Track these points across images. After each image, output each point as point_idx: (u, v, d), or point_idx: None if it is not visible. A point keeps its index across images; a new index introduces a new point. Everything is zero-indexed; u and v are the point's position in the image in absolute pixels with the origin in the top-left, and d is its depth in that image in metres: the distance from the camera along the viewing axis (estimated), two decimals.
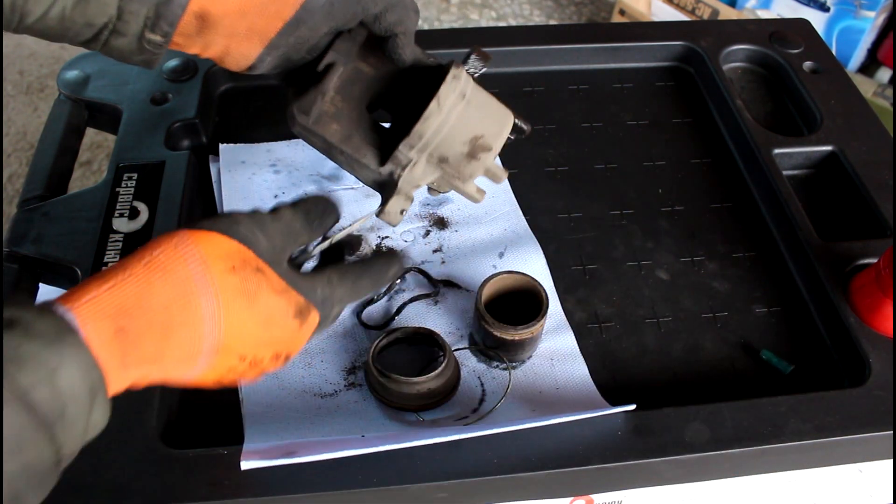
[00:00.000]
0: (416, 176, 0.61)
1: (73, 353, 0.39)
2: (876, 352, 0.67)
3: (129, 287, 0.42)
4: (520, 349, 0.67)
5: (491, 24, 2.28)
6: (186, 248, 0.44)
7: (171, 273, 0.43)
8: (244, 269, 0.46)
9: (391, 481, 0.57)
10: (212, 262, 0.44)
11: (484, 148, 0.60)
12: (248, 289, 0.46)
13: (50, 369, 0.38)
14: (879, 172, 0.82)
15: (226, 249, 0.45)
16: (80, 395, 0.39)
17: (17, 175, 1.86)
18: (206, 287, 0.44)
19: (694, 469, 0.62)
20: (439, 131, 0.59)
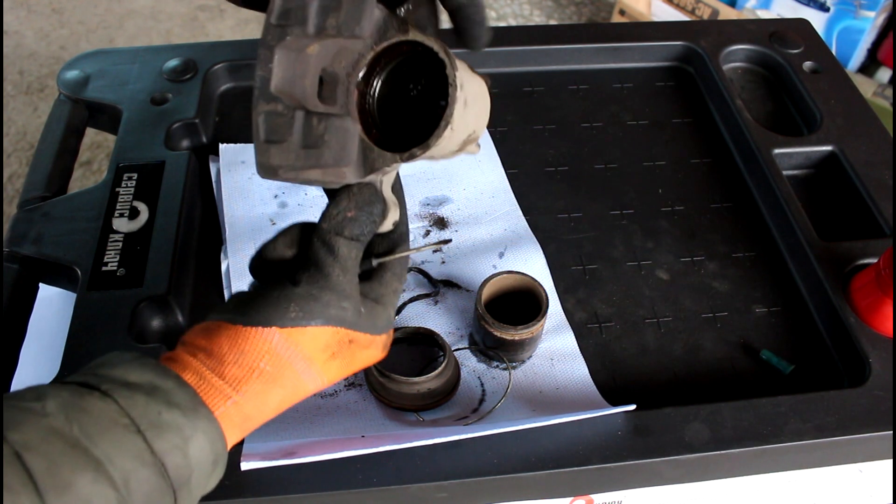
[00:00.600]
0: (391, 175, 0.57)
1: (206, 426, 0.43)
2: (876, 352, 0.67)
3: (249, 401, 0.46)
4: (520, 349, 0.67)
5: (491, 24, 2.28)
6: (288, 352, 0.47)
7: (281, 379, 0.47)
8: (341, 350, 0.49)
9: (391, 481, 0.57)
10: (314, 357, 0.48)
11: (473, 141, 0.56)
12: (347, 362, 0.50)
13: (185, 438, 0.42)
14: (879, 172, 0.82)
15: (324, 341, 0.48)
16: (205, 465, 0.43)
17: (17, 175, 1.86)
18: (313, 377, 0.48)
19: (694, 469, 0.62)
20: (444, 146, 0.52)
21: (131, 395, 0.41)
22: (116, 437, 0.39)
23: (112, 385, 0.41)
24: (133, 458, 0.39)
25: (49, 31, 2.23)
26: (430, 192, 0.83)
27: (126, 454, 0.39)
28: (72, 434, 0.38)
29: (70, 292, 0.71)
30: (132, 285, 0.69)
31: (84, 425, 0.39)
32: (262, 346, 0.46)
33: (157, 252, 0.71)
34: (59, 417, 0.38)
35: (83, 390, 0.41)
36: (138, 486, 0.39)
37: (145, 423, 0.40)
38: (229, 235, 0.77)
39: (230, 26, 2.31)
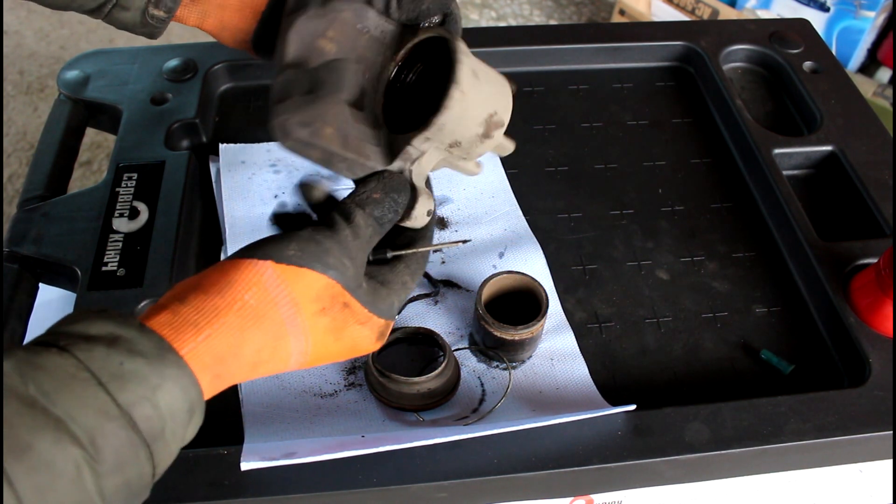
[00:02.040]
0: (423, 166, 0.55)
1: (175, 373, 0.40)
2: (876, 352, 0.67)
3: (224, 337, 0.43)
4: (520, 349, 0.67)
5: (491, 24, 2.28)
6: (277, 289, 0.44)
7: (263, 319, 0.44)
8: (333, 308, 0.46)
9: (391, 481, 0.57)
10: (303, 305, 0.45)
11: (498, 125, 0.56)
12: (336, 326, 0.47)
13: (152, 387, 0.39)
14: (879, 172, 0.82)
15: (317, 290, 0.46)
16: (179, 414, 0.40)
17: (17, 175, 1.86)
18: (297, 330, 0.45)
19: (694, 469, 0.62)
20: (462, 117, 0.52)
21: (90, 348, 0.38)
22: (77, 393, 0.37)
23: (70, 339, 0.39)
24: (97, 414, 0.37)
25: (49, 31, 2.23)
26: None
27: (88, 409, 0.37)
28: (27, 393, 0.36)
29: (70, 292, 0.71)
30: (132, 285, 0.69)
31: (41, 383, 0.36)
32: (252, 278, 0.44)
33: (157, 252, 0.71)
34: (14, 377, 0.36)
35: (39, 348, 0.38)
36: (106, 442, 0.37)
37: (106, 376, 0.38)
38: (229, 235, 0.77)
39: None
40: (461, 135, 0.54)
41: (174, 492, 0.56)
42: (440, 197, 0.82)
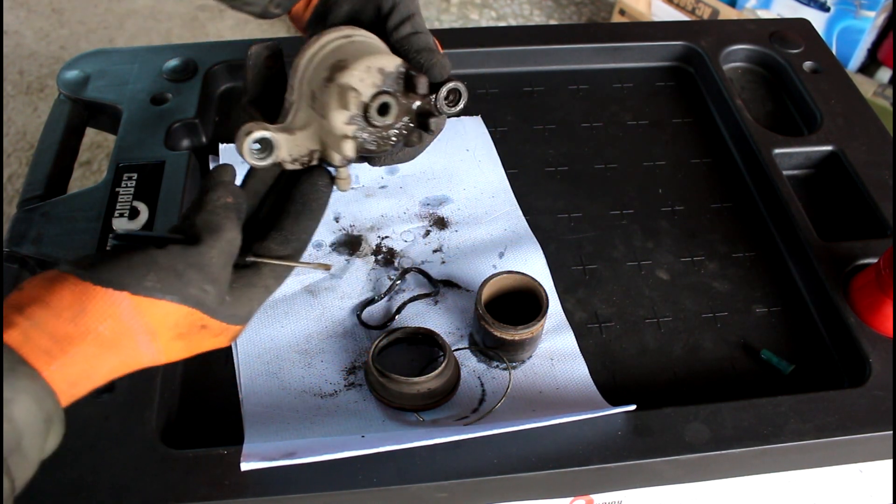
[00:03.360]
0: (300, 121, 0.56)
1: (28, 385, 0.39)
2: (876, 352, 0.67)
3: (78, 365, 0.42)
4: (520, 349, 0.67)
5: (491, 24, 2.28)
6: (133, 320, 0.43)
7: (118, 348, 0.43)
8: (189, 333, 0.46)
9: (391, 481, 0.57)
10: (160, 333, 0.45)
11: (338, 68, 0.54)
12: (192, 346, 0.47)
13: (5, 402, 0.38)
14: (879, 172, 0.82)
15: (174, 319, 0.45)
16: (35, 425, 0.39)
17: (17, 175, 1.86)
18: (151, 352, 0.45)
19: (694, 469, 0.62)
20: (308, 62, 0.56)
21: None
22: None
23: None
24: None
25: (49, 31, 2.22)
26: (430, 192, 0.83)
27: None
28: None
29: None
30: None
31: None
32: (107, 309, 0.43)
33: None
34: None
35: None
36: None
37: None
38: None
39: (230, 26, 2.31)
40: (313, 81, 0.55)
41: (174, 492, 0.56)
42: (440, 197, 0.82)
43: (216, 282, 0.47)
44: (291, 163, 0.55)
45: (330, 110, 0.54)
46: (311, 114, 0.55)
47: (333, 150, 0.55)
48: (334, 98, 0.54)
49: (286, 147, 0.54)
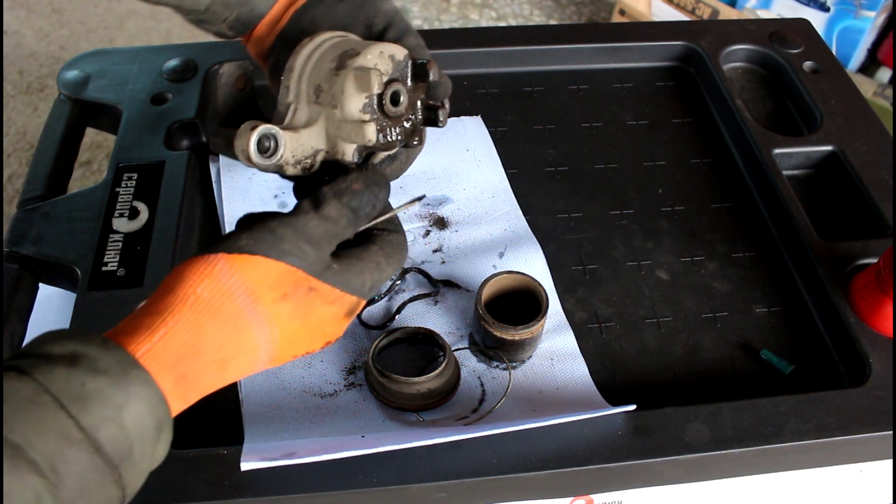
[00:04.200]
0: (301, 119, 0.55)
1: (141, 390, 0.38)
2: (876, 352, 0.67)
3: (181, 334, 0.41)
4: (520, 349, 0.67)
5: (491, 24, 2.28)
6: (230, 279, 0.42)
7: (220, 312, 0.42)
8: (296, 293, 0.45)
9: (391, 481, 0.57)
10: (260, 293, 0.43)
11: (350, 55, 0.54)
12: (302, 311, 0.45)
13: (116, 407, 0.37)
14: (879, 172, 0.82)
15: (274, 276, 0.44)
16: (147, 433, 0.39)
17: (17, 175, 1.86)
18: (259, 319, 0.43)
19: (694, 469, 0.62)
20: (308, 56, 0.55)
21: (51, 369, 0.37)
22: (35, 417, 0.35)
23: (31, 361, 0.37)
24: (58, 438, 0.35)
25: (49, 31, 2.22)
26: (430, 192, 0.83)
27: (48, 434, 0.35)
28: None
29: (70, 292, 0.71)
30: (132, 285, 0.69)
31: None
32: (204, 271, 0.42)
33: (157, 252, 0.71)
34: None
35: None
36: (68, 469, 0.35)
37: (68, 397, 0.36)
38: None
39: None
40: (316, 75, 0.54)
41: (174, 492, 0.56)
42: (440, 197, 0.82)
43: (315, 244, 0.46)
44: (294, 165, 0.54)
45: (345, 96, 0.53)
46: (315, 110, 0.55)
47: (350, 139, 0.54)
48: (350, 83, 0.53)
49: (290, 146, 0.53)
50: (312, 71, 0.55)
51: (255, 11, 0.62)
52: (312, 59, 0.55)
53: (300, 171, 0.54)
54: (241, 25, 0.63)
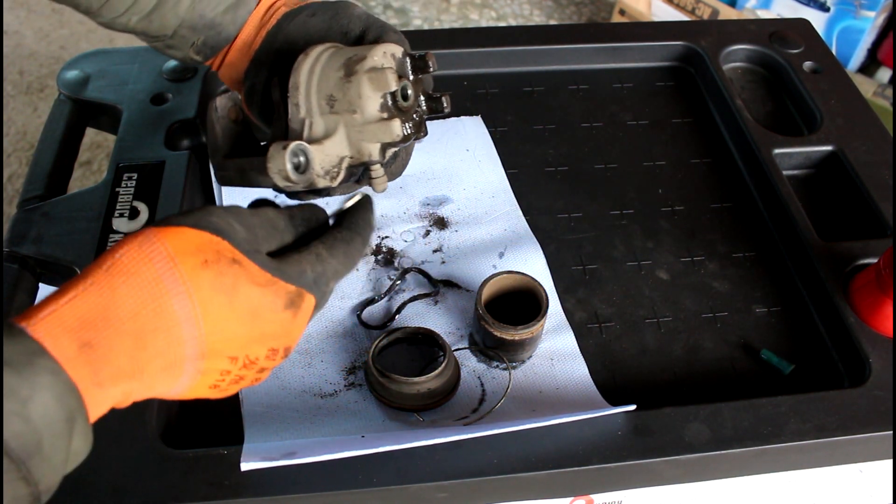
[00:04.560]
0: (317, 129, 0.56)
1: (49, 381, 0.36)
2: (876, 352, 0.67)
3: (91, 297, 0.38)
4: (520, 349, 0.67)
5: (491, 24, 2.28)
6: (152, 246, 0.40)
7: (136, 275, 0.39)
8: (218, 262, 0.41)
9: (391, 481, 0.57)
10: (180, 259, 0.40)
11: (358, 60, 0.55)
12: (226, 283, 0.41)
13: (21, 400, 0.35)
14: (879, 172, 0.82)
15: (196, 243, 0.41)
16: (56, 425, 0.36)
17: (17, 175, 1.86)
18: (177, 286, 0.40)
19: (694, 469, 0.62)
20: (311, 70, 0.56)
21: None
22: None
23: None
24: None
25: (49, 31, 2.22)
26: (430, 192, 0.83)
27: None
28: None
29: None
30: None
31: None
32: (127, 242, 0.40)
33: None
34: None
35: None
36: None
37: None
38: None
39: None
40: (325, 86, 0.55)
41: (174, 492, 0.56)
42: (440, 197, 0.82)
43: (247, 227, 0.44)
44: (323, 177, 0.55)
45: (364, 99, 0.54)
46: (331, 119, 0.55)
47: (376, 139, 0.55)
48: (366, 85, 0.54)
49: (318, 158, 0.54)
50: (319, 83, 0.55)
51: (222, 35, 0.63)
52: (315, 73, 0.56)
53: (329, 180, 0.55)
54: (209, 50, 0.63)
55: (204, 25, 0.62)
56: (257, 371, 0.46)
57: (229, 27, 0.62)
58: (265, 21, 0.62)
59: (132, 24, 0.61)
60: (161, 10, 0.61)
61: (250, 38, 0.63)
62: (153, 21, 0.61)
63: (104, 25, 0.63)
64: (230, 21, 0.62)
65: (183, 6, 0.61)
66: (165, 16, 0.61)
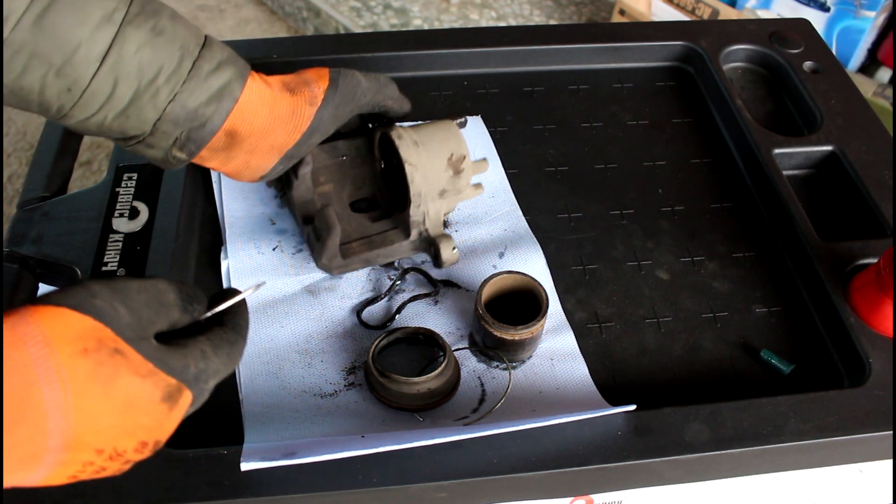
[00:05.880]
0: (433, 220, 0.72)
1: None
2: (876, 352, 0.67)
3: None
4: (520, 349, 0.67)
5: (491, 24, 2.28)
6: (27, 328, 0.37)
7: (7, 359, 0.36)
8: (99, 352, 0.39)
9: (391, 481, 0.57)
10: (58, 345, 0.38)
11: (460, 160, 0.70)
12: (104, 374, 0.39)
13: None
14: (879, 172, 0.82)
15: (77, 329, 0.39)
16: None
17: (17, 175, 1.86)
18: (50, 374, 0.37)
19: (694, 469, 0.62)
20: (426, 178, 0.69)
21: None
22: None
23: None
24: None
25: None
26: None
27: None
28: None
29: None
30: None
31: None
32: (7, 321, 0.38)
33: (157, 252, 0.71)
34: None
35: None
36: None
37: None
38: (229, 235, 0.77)
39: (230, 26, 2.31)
40: (438, 186, 0.70)
41: (174, 492, 0.56)
42: None
43: (133, 310, 0.41)
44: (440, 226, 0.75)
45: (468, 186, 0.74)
46: (437, 203, 0.73)
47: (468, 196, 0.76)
48: (469, 178, 0.73)
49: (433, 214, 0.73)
50: (430, 185, 0.70)
51: (207, 128, 0.59)
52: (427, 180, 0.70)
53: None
54: (194, 145, 0.59)
55: (186, 118, 0.58)
56: (122, 463, 0.43)
57: (215, 119, 0.59)
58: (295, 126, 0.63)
59: (108, 122, 0.56)
60: (138, 103, 0.56)
61: (279, 142, 0.63)
62: (130, 116, 0.56)
63: (75, 129, 0.57)
64: (214, 111, 0.58)
65: (162, 97, 0.56)
66: (143, 109, 0.56)
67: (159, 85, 0.56)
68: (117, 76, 0.55)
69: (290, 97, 0.63)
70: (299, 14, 2.32)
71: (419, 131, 0.70)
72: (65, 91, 0.54)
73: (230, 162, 0.63)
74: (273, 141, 0.63)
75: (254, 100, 0.61)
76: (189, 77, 0.57)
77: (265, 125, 0.62)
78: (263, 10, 2.44)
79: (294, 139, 0.63)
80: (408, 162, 0.68)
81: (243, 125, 0.61)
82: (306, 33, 2.32)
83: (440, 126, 0.72)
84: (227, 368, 0.46)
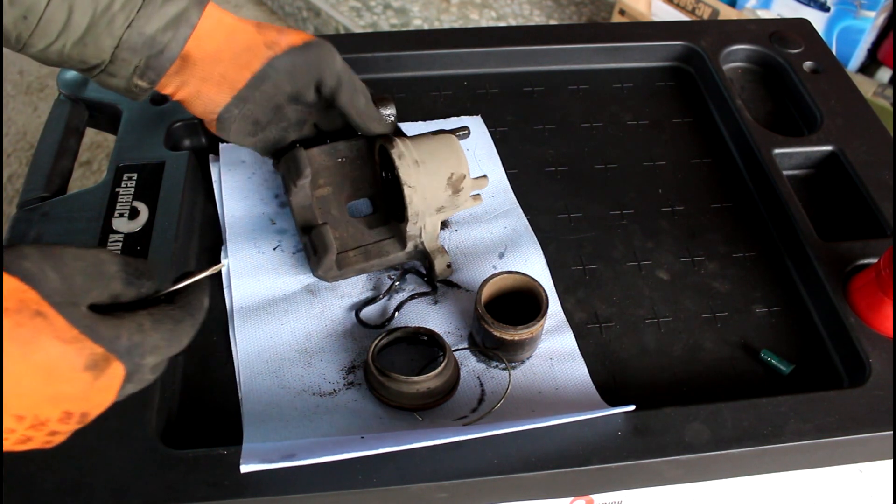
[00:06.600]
0: (430, 234, 0.72)
1: None
2: (876, 352, 0.67)
3: None
4: (520, 349, 0.67)
5: (491, 24, 2.28)
6: None
7: None
8: (20, 313, 0.38)
9: (391, 481, 0.57)
10: None
11: (459, 179, 0.70)
12: (23, 335, 0.38)
13: None
14: (879, 172, 0.82)
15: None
16: None
17: (17, 175, 1.86)
18: None
19: (694, 469, 0.62)
20: (423, 198, 0.68)
21: None
22: None
23: None
24: None
25: None
26: None
27: None
28: None
29: None
30: None
31: None
32: None
33: (157, 252, 0.71)
34: None
35: None
36: None
37: None
38: (229, 235, 0.77)
39: None
40: (436, 204, 0.70)
41: (174, 492, 0.56)
42: None
43: (64, 275, 0.40)
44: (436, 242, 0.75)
45: (466, 202, 0.72)
46: (436, 218, 0.72)
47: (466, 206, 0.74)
48: (468, 195, 0.72)
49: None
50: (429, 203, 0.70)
51: (165, 55, 0.60)
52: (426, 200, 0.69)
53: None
54: (154, 73, 0.60)
55: (144, 45, 0.59)
56: (48, 433, 0.42)
57: (172, 46, 0.60)
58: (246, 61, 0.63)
59: (67, 50, 0.58)
60: (95, 30, 0.57)
61: (230, 75, 0.63)
62: (88, 44, 0.57)
63: (38, 59, 0.59)
64: (171, 38, 0.59)
65: (118, 24, 0.57)
66: (100, 36, 0.57)
67: (115, 11, 0.57)
68: (72, 3, 0.56)
69: (252, 32, 0.64)
70: (299, 14, 2.32)
71: (420, 147, 0.69)
72: (20, 19, 0.55)
73: (183, 88, 0.64)
74: (224, 71, 0.63)
75: (211, 26, 0.62)
76: (144, 4, 0.58)
77: (217, 50, 0.62)
78: (263, 10, 2.44)
79: (244, 77, 0.63)
80: (406, 184, 0.67)
81: (196, 49, 0.62)
82: None
83: (442, 142, 0.70)
84: (169, 346, 0.45)
